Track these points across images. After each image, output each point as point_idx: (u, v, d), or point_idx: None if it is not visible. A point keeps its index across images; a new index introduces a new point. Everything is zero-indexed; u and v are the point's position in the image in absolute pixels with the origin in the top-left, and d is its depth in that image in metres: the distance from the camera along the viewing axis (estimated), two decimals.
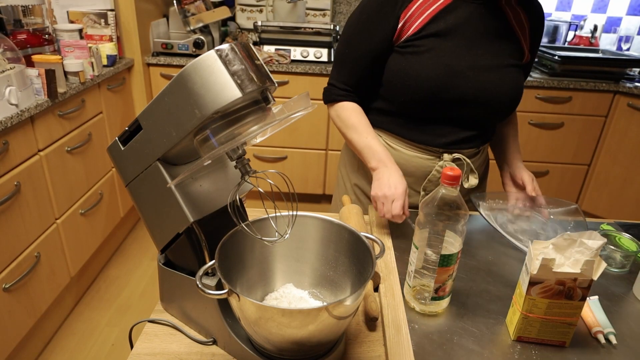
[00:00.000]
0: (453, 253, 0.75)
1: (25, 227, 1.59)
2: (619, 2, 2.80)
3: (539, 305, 0.70)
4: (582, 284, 0.67)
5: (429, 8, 1.02)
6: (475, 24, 1.02)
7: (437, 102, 1.04)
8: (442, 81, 1.02)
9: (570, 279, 0.66)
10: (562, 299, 0.69)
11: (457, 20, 1.02)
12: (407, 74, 1.03)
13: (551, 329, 0.73)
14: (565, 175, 2.66)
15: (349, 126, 1.08)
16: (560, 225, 1.09)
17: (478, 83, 1.03)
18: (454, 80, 1.02)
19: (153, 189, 0.69)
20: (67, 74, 1.84)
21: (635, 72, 2.51)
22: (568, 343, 0.74)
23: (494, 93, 1.04)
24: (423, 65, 1.02)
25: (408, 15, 1.02)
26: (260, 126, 0.62)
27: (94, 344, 1.84)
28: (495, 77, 1.04)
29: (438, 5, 1.02)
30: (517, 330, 0.74)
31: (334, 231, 0.76)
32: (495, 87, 1.04)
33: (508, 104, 1.08)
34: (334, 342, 0.70)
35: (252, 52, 0.61)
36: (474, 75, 1.03)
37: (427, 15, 1.02)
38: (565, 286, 0.67)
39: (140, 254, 2.41)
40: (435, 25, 1.02)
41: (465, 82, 1.02)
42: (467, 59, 1.02)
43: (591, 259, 0.67)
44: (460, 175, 0.73)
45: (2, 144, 1.47)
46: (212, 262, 0.67)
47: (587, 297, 0.69)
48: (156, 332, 0.77)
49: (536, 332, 0.74)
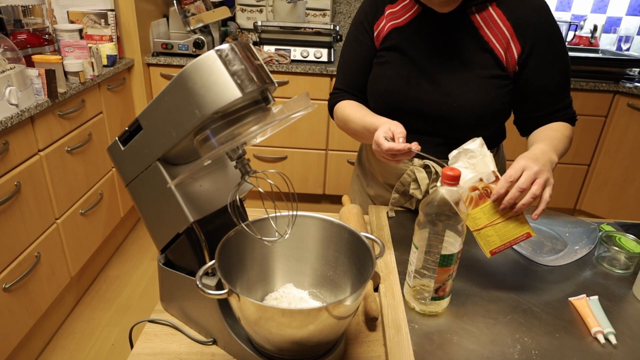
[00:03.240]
0: (453, 253, 0.75)
1: (26, 227, 1.59)
2: (619, 2, 2.80)
3: (477, 216, 0.73)
4: (489, 178, 0.71)
5: (397, 19, 1.04)
6: (441, 36, 1.00)
7: (398, 112, 1.04)
8: (400, 93, 1.03)
9: (476, 180, 0.71)
10: (486, 200, 0.72)
11: (420, 36, 1.01)
12: (372, 85, 1.09)
13: (507, 229, 0.75)
14: (565, 175, 2.66)
15: (347, 120, 1.08)
16: (560, 225, 1.09)
17: (436, 96, 1.01)
18: (411, 92, 1.02)
19: (153, 189, 0.69)
20: (67, 74, 1.84)
21: (635, 72, 2.51)
22: (532, 233, 0.77)
23: (454, 108, 1.00)
24: (383, 77, 1.06)
25: (380, 26, 1.06)
26: (260, 126, 0.62)
27: (94, 344, 1.84)
28: (458, 91, 1.00)
29: (405, 18, 1.03)
30: (484, 246, 0.77)
31: (334, 231, 0.76)
32: (456, 102, 1.00)
33: (472, 121, 1.01)
34: (334, 342, 0.70)
35: (252, 52, 0.61)
36: (432, 88, 1.01)
37: (392, 25, 1.04)
38: (479, 189, 0.71)
39: (140, 254, 2.41)
40: (399, 37, 1.03)
41: (423, 94, 1.01)
42: (428, 71, 1.01)
43: (479, 158, 0.74)
44: (460, 175, 0.73)
45: (2, 144, 1.47)
46: (212, 262, 0.67)
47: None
48: (156, 332, 0.77)
49: (499, 239, 0.76)
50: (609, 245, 0.96)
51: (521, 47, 0.98)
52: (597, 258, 0.98)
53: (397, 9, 1.04)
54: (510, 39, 0.98)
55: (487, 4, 0.98)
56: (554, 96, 1.03)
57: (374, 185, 1.23)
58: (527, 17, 0.97)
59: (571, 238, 1.05)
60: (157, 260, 0.78)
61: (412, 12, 1.03)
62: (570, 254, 0.99)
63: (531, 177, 0.77)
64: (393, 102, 1.05)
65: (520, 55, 0.98)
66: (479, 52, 0.99)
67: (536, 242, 1.04)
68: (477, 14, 0.99)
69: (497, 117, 1.05)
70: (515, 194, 0.76)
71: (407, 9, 1.03)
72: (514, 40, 0.98)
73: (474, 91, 0.99)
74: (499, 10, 0.98)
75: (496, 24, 0.98)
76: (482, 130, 1.03)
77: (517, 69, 1.00)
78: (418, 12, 1.02)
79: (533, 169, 0.77)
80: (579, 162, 2.62)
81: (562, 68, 1.01)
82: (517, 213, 0.77)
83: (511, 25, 0.97)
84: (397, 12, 1.04)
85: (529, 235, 0.78)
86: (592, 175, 2.63)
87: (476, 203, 0.71)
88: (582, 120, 2.50)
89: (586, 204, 2.69)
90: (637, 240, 0.98)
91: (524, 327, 0.79)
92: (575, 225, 1.07)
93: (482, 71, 0.99)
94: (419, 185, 1.06)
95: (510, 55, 0.98)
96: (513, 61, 0.99)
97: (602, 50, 2.74)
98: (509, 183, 0.76)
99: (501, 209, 0.77)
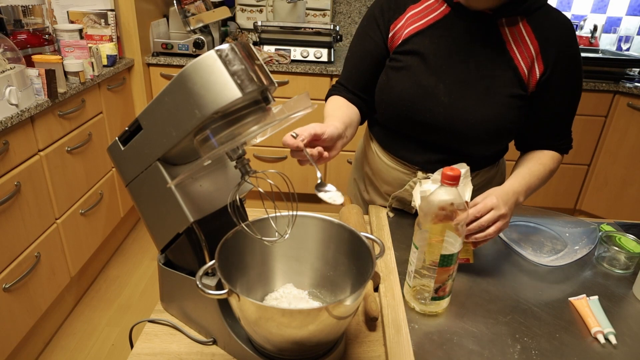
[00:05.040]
0: (453, 253, 0.75)
1: (26, 227, 1.59)
2: (619, 2, 2.80)
3: (434, 231, 0.75)
4: (459, 206, 0.74)
5: (418, 21, 0.97)
6: (465, 45, 0.94)
7: (408, 122, 1.00)
8: (414, 102, 0.97)
9: (448, 203, 0.74)
10: (448, 222, 0.75)
11: (444, 38, 0.95)
12: (383, 89, 1.03)
13: None
14: (565, 176, 2.66)
15: (325, 115, 1.06)
16: (560, 225, 1.09)
17: (452, 110, 0.95)
18: (427, 103, 0.97)
19: (153, 189, 0.69)
20: (67, 74, 1.84)
21: (635, 72, 2.51)
22: (472, 260, 0.91)
23: (468, 123, 0.95)
24: (398, 83, 0.99)
25: (398, 26, 0.99)
26: (260, 126, 0.62)
27: (94, 344, 1.84)
28: (474, 106, 0.95)
29: (428, 20, 0.97)
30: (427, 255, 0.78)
31: (334, 231, 0.76)
32: (472, 118, 0.95)
33: (485, 137, 0.97)
34: (334, 342, 0.70)
35: (252, 52, 0.61)
36: (449, 101, 0.95)
37: (414, 28, 0.98)
38: (446, 210, 0.74)
39: (140, 254, 2.40)
40: (419, 41, 0.97)
41: (438, 106, 0.96)
42: (447, 83, 0.95)
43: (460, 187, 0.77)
44: (460, 176, 0.73)
45: (2, 144, 1.47)
46: (212, 262, 0.67)
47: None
48: (156, 332, 0.77)
49: None
50: (609, 245, 0.96)
51: (544, 68, 0.93)
52: (597, 258, 0.98)
53: (420, 9, 0.98)
54: (535, 57, 0.93)
55: (517, 18, 0.93)
56: (559, 125, 1.00)
57: (371, 191, 1.21)
58: (553, 37, 0.92)
59: (571, 238, 1.05)
60: (157, 260, 0.78)
61: (439, 12, 0.96)
62: (570, 254, 0.99)
63: (494, 218, 0.84)
64: (405, 112, 0.99)
65: (542, 76, 0.94)
66: (503, 67, 0.94)
67: (536, 242, 1.04)
68: (507, 27, 0.93)
69: (510, 136, 1.02)
70: (475, 228, 0.84)
71: (432, 8, 0.97)
72: (538, 60, 0.93)
73: (492, 109, 0.94)
74: (528, 27, 0.93)
75: (524, 40, 0.93)
76: (492, 147, 1.02)
77: (535, 89, 0.95)
78: (445, 13, 0.95)
79: (499, 211, 0.84)
80: (579, 162, 2.62)
81: (574, 96, 0.98)
82: (466, 240, 0.86)
83: (538, 44, 0.92)
84: (420, 13, 0.98)
85: (468, 261, 0.91)
86: (592, 175, 2.63)
87: (439, 221, 0.75)
88: (582, 120, 2.50)
89: (586, 204, 2.69)
90: (637, 240, 0.98)
91: (524, 327, 0.79)
92: (575, 225, 1.07)
93: (503, 89, 0.94)
94: None
95: (533, 75, 0.94)
96: (534, 81, 0.94)
97: (602, 50, 2.74)
98: (475, 217, 0.84)
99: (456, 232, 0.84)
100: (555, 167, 1.01)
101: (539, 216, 1.12)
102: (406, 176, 1.09)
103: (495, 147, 1.04)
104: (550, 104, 0.97)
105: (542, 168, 0.98)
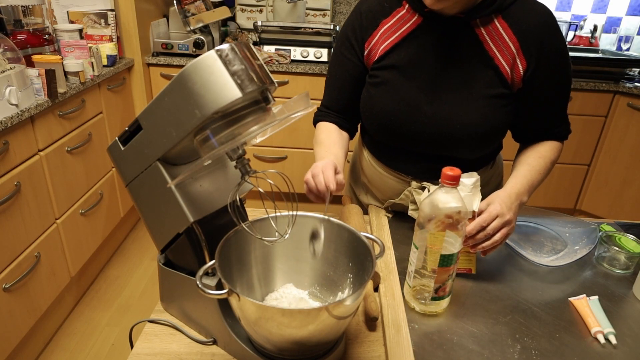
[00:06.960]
0: (453, 253, 0.75)
1: (26, 227, 1.59)
2: (618, 2, 2.80)
3: (438, 238, 0.75)
4: (466, 216, 0.75)
5: (392, 35, 0.97)
6: (442, 52, 0.93)
7: (395, 135, 1.00)
8: (397, 116, 0.97)
9: (455, 212, 0.73)
10: (454, 230, 0.75)
11: (419, 49, 0.94)
12: (366, 105, 1.03)
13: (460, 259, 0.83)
14: (565, 175, 2.65)
15: (317, 142, 1.06)
16: (560, 225, 1.09)
17: (436, 119, 0.95)
18: (410, 116, 0.96)
19: (153, 189, 0.69)
20: (67, 74, 1.84)
21: (635, 72, 2.51)
22: (474, 270, 0.90)
23: (455, 130, 0.95)
24: (379, 98, 0.99)
25: (373, 42, 0.99)
26: (260, 126, 0.62)
27: (94, 344, 1.84)
28: (459, 112, 0.94)
29: (402, 32, 0.96)
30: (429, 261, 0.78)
31: (334, 231, 0.76)
32: (457, 124, 0.94)
33: (473, 141, 0.96)
34: (334, 342, 0.70)
35: (252, 52, 0.61)
36: (432, 111, 0.95)
37: (389, 43, 0.97)
38: (453, 219, 0.74)
39: (140, 254, 2.40)
40: (396, 55, 0.96)
41: (422, 117, 0.96)
42: (428, 93, 0.95)
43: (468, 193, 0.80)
44: (460, 175, 0.73)
45: (2, 144, 1.47)
46: (212, 262, 0.67)
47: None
48: (156, 332, 0.77)
49: None
50: (609, 245, 0.97)
51: (527, 63, 0.91)
52: (597, 258, 0.98)
53: (392, 22, 0.97)
54: (516, 54, 0.91)
55: (492, 16, 0.91)
56: (553, 113, 0.99)
57: (368, 196, 1.20)
58: (533, 30, 0.90)
59: (571, 238, 1.05)
60: (157, 260, 0.78)
61: (411, 23, 0.95)
62: (570, 254, 0.99)
63: (500, 225, 0.83)
64: (390, 126, 0.99)
65: (526, 72, 0.92)
66: (483, 68, 0.92)
67: (536, 242, 1.04)
68: (482, 27, 0.91)
69: (499, 136, 1.01)
70: (481, 237, 0.83)
71: (404, 20, 0.96)
72: (519, 56, 0.91)
73: (477, 112, 0.94)
74: (504, 23, 0.91)
75: (502, 38, 0.91)
76: (483, 149, 1.01)
77: (521, 85, 0.94)
78: (418, 23, 0.94)
79: (504, 218, 0.84)
80: (579, 162, 2.62)
81: (564, 85, 0.97)
82: (473, 250, 0.86)
83: (517, 40, 0.91)
84: (393, 26, 0.97)
85: (470, 271, 0.91)
86: (592, 175, 2.63)
87: (444, 228, 0.74)
88: (582, 120, 2.50)
89: (586, 204, 2.69)
90: (637, 240, 0.98)
91: (524, 327, 0.79)
92: (575, 225, 1.07)
93: (486, 90, 0.93)
94: (417, 207, 1.03)
95: (516, 71, 0.92)
96: (518, 78, 0.93)
97: (602, 50, 2.74)
98: (481, 227, 0.83)
99: (464, 244, 0.84)
100: (556, 157, 1.00)
101: (539, 216, 1.12)
102: (400, 185, 1.09)
103: (487, 149, 1.03)
104: (541, 97, 0.96)
105: (542, 161, 0.97)
